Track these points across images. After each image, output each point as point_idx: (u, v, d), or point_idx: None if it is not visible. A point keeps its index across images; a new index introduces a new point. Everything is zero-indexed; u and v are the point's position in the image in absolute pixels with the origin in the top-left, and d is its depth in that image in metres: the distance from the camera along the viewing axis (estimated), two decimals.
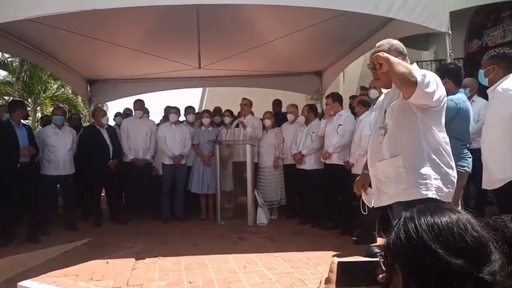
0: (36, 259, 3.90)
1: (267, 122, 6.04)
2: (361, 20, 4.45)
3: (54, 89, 15.91)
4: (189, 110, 6.44)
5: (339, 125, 4.96)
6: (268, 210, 5.74)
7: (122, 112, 7.35)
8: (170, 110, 6.20)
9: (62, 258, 4.06)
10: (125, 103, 12.03)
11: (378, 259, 0.90)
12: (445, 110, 2.18)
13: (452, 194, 2.17)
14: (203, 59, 5.91)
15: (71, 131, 5.60)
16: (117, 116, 7.18)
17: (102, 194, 6.12)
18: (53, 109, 7.23)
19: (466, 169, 3.22)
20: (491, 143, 2.90)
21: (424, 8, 3.99)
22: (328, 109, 5.20)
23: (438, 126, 2.14)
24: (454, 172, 2.17)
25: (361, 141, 4.42)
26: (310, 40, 5.61)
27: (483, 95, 4.12)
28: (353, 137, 4.72)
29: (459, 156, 3.07)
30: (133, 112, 6.28)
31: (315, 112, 5.73)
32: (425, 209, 0.83)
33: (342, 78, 9.85)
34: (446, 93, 2.18)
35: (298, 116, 5.86)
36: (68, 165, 5.35)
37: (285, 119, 6.17)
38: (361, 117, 4.63)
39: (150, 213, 6.01)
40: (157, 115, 9.73)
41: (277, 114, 6.45)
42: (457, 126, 3.08)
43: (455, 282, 0.73)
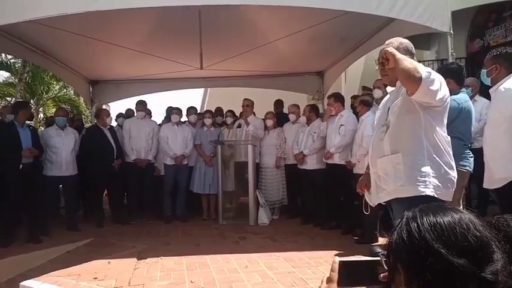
0: (38, 259, 3.91)
1: (269, 122, 6.06)
2: (363, 20, 4.44)
3: (56, 90, 15.97)
4: (191, 110, 6.46)
5: (341, 125, 4.97)
6: (269, 210, 5.75)
7: (124, 113, 7.36)
8: (172, 111, 6.22)
9: (64, 258, 4.07)
10: (126, 104, 12.12)
11: (379, 258, 0.90)
12: (448, 110, 2.17)
13: (452, 193, 2.16)
14: (205, 60, 5.92)
15: (73, 132, 5.63)
16: (120, 117, 7.19)
17: (104, 194, 6.14)
18: (55, 110, 7.26)
19: (468, 168, 3.21)
20: (493, 143, 2.90)
21: (425, 8, 3.98)
22: (327, 110, 5.20)
23: (441, 126, 2.13)
24: (454, 172, 2.16)
25: (363, 141, 4.41)
26: (312, 40, 5.60)
27: (485, 95, 4.11)
28: (354, 137, 4.72)
29: (461, 155, 3.06)
30: (136, 113, 6.29)
31: (316, 112, 5.74)
32: (428, 208, 0.83)
33: (343, 78, 9.82)
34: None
35: (300, 116, 5.87)
36: (71, 166, 5.37)
37: (286, 119, 6.18)
38: (363, 117, 4.63)
39: (151, 213, 6.03)
40: (159, 115, 9.71)
41: (279, 115, 6.45)
42: (459, 126, 3.07)
43: (457, 282, 0.73)
